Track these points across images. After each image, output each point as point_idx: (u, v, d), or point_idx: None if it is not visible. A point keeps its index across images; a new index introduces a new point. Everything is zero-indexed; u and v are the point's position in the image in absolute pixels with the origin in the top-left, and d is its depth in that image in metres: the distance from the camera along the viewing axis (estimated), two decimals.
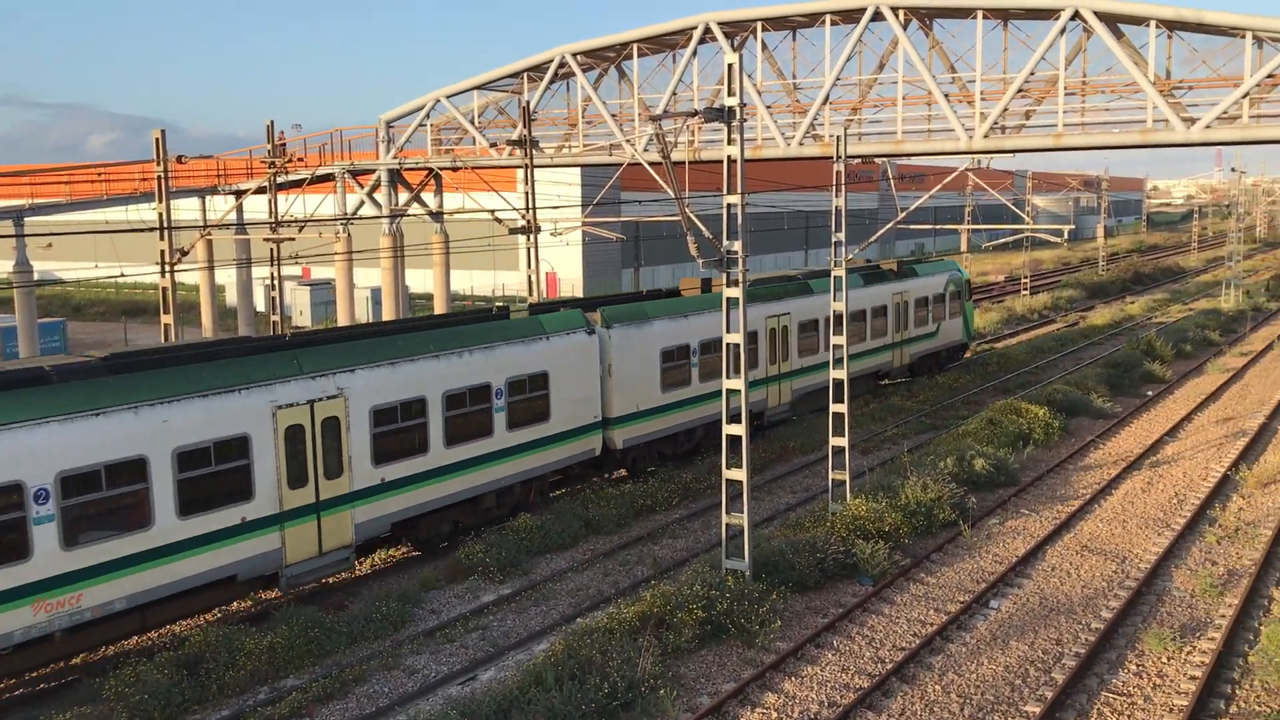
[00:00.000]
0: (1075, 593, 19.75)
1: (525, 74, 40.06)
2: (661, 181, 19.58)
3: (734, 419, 19.03)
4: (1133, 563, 21.26)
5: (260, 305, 56.03)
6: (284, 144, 34.78)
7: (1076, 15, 29.70)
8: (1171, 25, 29.11)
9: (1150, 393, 38.56)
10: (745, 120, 18.20)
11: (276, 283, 33.39)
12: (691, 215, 18.62)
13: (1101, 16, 29.54)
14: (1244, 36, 28.04)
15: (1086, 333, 53.65)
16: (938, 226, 62.52)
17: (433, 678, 16.49)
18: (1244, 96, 28.14)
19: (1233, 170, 78.38)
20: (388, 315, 43.61)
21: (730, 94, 17.76)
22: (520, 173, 34.96)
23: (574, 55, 38.25)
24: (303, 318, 57.74)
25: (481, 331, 22.66)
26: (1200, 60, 29.36)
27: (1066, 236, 53.92)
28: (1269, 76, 27.92)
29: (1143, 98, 29.68)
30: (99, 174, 45.70)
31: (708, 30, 35.37)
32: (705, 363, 28.29)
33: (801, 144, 34.36)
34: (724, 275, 18.69)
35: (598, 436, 25.27)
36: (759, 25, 34.84)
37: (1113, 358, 43.27)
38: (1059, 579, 20.43)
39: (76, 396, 15.99)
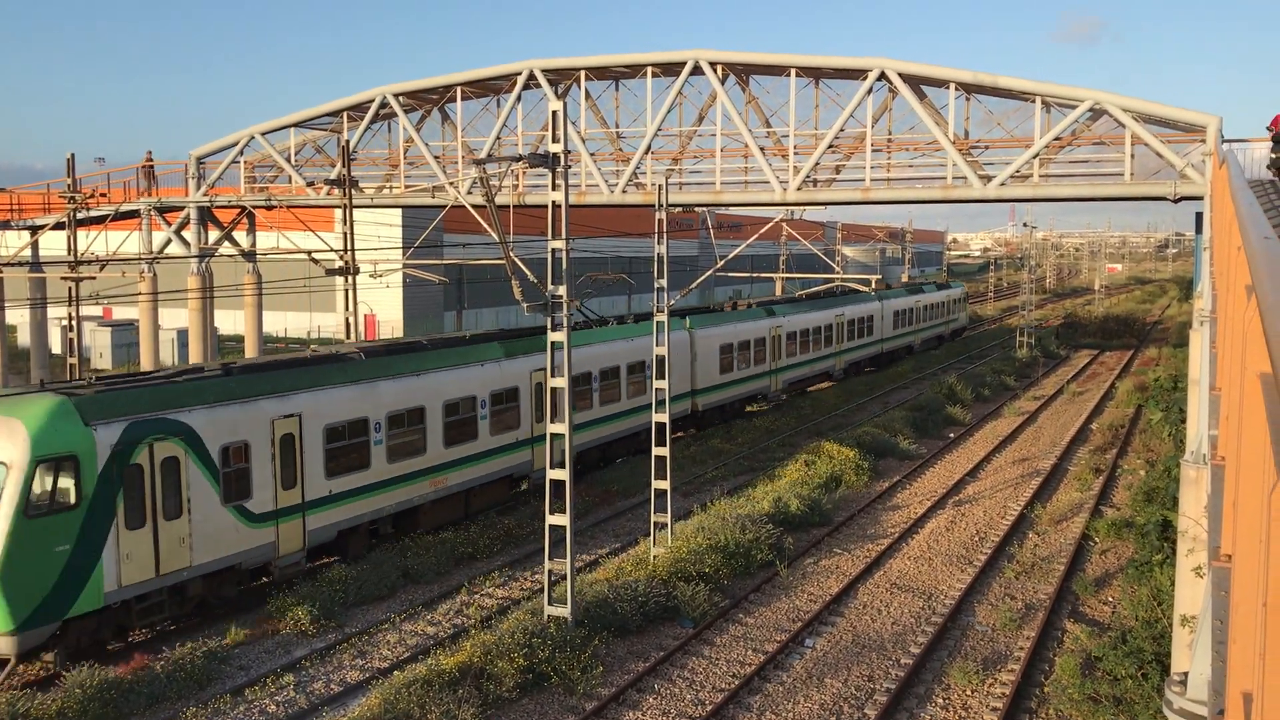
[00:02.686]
0: (886, 629, 20.42)
1: (345, 113, 39.34)
2: (486, 225, 19.52)
3: (558, 463, 18.97)
4: (939, 599, 22.15)
5: (56, 347, 52.82)
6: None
7: (883, 76, 31.23)
8: (970, 88, 30.95)
9: (952, 435, 40.46)
10: (569, 167, 18.36)
11: (75, 323, 31.63)
12: (516, 259, 18.60)
13: (905, 78, 31.15)
14: (1034, 101, 30.05)
15: (893, 377, 55.96)
16: (754, 275, 64.43)
17: None
18: (1034, 157, 30.10)
19: (1025, 225, 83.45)
20: (195, 358, 41.80)
21: (555, 140, 17.88)
22: (339, 213, 34.18)
23: (396, 96, 37.81)
24: (103, 360, 54.66)
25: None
26: (995, 122, 31.28)
27: (874, 286, 56.41)
28: (1056, 139, 29.96)
29: (944, 155, 31.36)
30: None
31: (531, 76, 35.56)
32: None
33: (625, 191, 34.84)
34: (548, 319, 18.71)
35: None
36: (582, 74, 35.26)
37: (917, 401, 45.27)
38: (871, 616, 21.09)
39: (391, 365, 23.47)
